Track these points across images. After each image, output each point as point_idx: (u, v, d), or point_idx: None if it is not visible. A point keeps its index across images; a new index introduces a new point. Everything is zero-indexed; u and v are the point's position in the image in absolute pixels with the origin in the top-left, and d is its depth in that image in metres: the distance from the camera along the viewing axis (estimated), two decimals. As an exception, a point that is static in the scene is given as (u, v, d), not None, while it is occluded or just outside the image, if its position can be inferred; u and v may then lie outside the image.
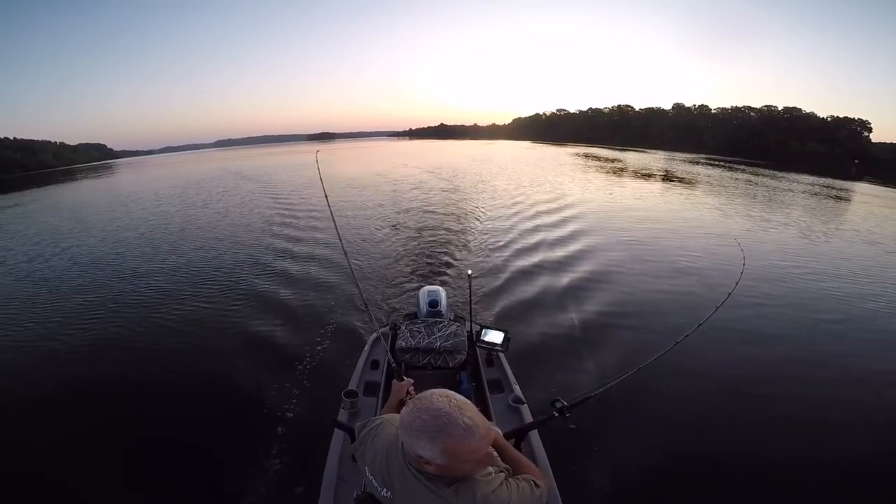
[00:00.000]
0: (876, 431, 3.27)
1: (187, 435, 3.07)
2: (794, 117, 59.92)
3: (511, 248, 7.62)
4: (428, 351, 2.47)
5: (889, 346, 4.60)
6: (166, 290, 6.13)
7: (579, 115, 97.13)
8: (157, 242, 9.29)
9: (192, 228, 10.64)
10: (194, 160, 60.35)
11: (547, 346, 4.19)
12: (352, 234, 8.71)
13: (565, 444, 2.58)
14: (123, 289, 6.35)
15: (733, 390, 3.66)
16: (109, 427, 3.20)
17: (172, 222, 11.61)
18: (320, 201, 12.24)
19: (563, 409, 1.75)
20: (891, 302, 5.77)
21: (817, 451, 3.00)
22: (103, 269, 7.49)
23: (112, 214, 14.03)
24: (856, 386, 3.81)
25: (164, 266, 7.36)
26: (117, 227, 11.45)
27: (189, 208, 14.03)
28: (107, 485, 2.66)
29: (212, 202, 15.18)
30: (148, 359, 4.25)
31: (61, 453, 2.97)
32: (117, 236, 10.30)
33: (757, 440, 3.08)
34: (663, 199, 14.96)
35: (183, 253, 8.20)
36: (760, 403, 3.51)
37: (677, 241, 8.65)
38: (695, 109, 73.58)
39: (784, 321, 5.05)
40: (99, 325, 5.09)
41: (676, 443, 3.01)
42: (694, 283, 6.04)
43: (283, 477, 2.62)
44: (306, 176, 21.01)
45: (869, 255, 8.30)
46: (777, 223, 10.99)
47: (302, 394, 3.41)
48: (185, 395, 3.55)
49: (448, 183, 17.21)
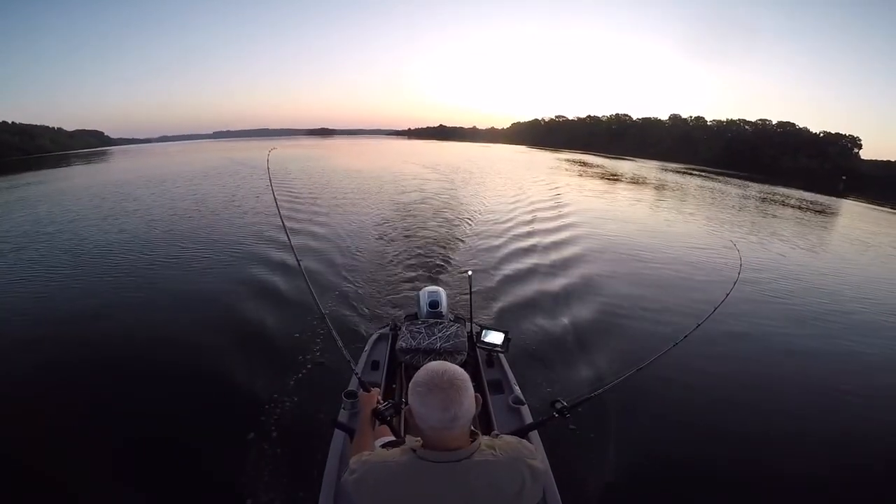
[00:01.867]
0: (873, 434, 3.31)
1: (186, 435, 3.02)
2: (788, 132, 60.98)
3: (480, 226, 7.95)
4: (428, 352, 2.47)
5: (887, 348, 4.76)
6: (163, 286, 6.05)
7: (578, 123, 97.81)
8: (154, 230, 9.17)
9: (197, 218, 10.52)
10: (192, 150, 59.91)
11: (547, 347, 4.19)
12: (349, 232, 8.74)
13: (565, 444, 2.68)
14: (115, 280, 6.24)
15: (732, 390, 3.69)
16: (108, 427, 3.14)
17: (174, 210, 11.56)
18: (321, 198, 12.81)
19: (564, 410, 1.78)
20: (881, 303, 6.17)
21: (817, 451, 3.02)
22: (91, 261, 7.28)
23: (107, 199, 13.98)
24: (855, 384, 3.86)
25: (161, 258, 7.26)
26: (112, 213, 11.29)
27: (191, 197, 14.05)
28: (106, 485, 2.63)
29: (218, 191, 15.37)
30: (144, 355, 4.15)
31: (60, 454, 2.90)
32: (114, 222, 10.13)
33: (756, 440, 3.10)
34: (655, 206, 15.41)
35: (183, 246, 8.06)
36: (759, 404, 3.54)
37: (675, 246, 8.81)
38: (691, 121, 74.50)
39: (782, 321, 5.17)
40: (92, 319, 4.97)
41: (676, 443, 3.03)
42: (692, 286, 6.13)
43: (282, 477, 2.62)
44: (306, 169, 21.79)
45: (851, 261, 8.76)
46: (770, 233, 11.45)
47: (302, 394, 3.39)
48: (183, 396, 3.49)
49: (445, 177, 19.93)
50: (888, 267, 9.04)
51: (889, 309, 6.06)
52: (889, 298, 6.59)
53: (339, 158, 34.17)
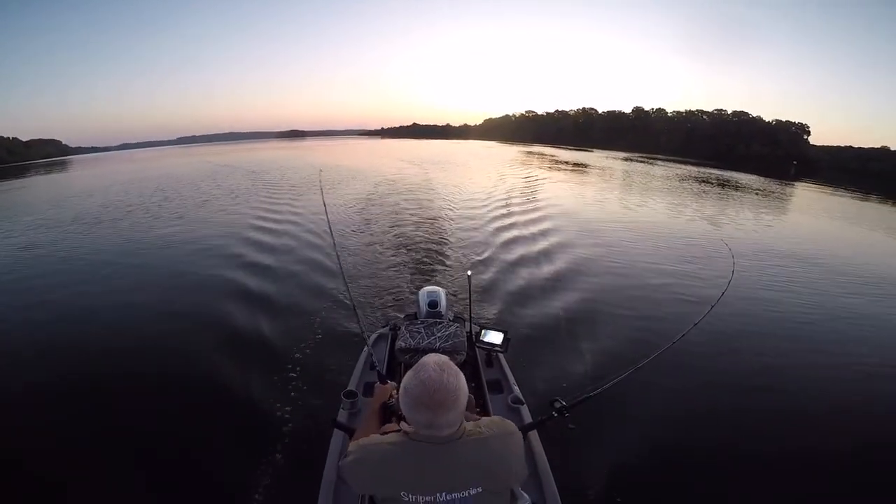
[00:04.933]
0: (874, 425, 3.35)
1: (185, 435, 3.03)
2: (742, 121, 64.15)
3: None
4: (427, 351, 2.42)
5: (884, 337, 4.87)
6: (158, 291, 6.00)
7: (546, 117, 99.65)
8: (143, 237, 9.16)
9: (184, 222, 10.54)
10: (169, 156, 57.31)
11: (546, 346, 4.20)
12: (343, 230, 8.80)
13: (564, 444, 2.70)
14: (108, 287, 6.17)
15: (731, 388, 3.71)
16: (106, 428, 3.12)
17: (160, 216, 11.49)
18: (308, 198, 12.97)
19: (563, 410, 1.78)
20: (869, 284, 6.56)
21: (817, 449, 3.04)
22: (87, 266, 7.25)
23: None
24: (854, 379, 3.91)
25: (153, 264, 7.21)
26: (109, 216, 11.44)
27: (171, 202, 13.88)
28: (105, 486, 2.63)
29: (199, 196, 15.18)
30: (143, 359, 4.13)
31: (60, 454, 2.91)
32: (112, 226, 10.26)
33: (756, 438, 3.13)
34: (647, 201, 15.33)
35: (170, 249, 8.03)
36: (759, 400, 3.57)
37: (668, 244, 8.70)
38: (652, 113, 77.39)
39: (777, 317, 5.20)
40: (92, 325, 4.96)
41: (675, 442, 3.05)
42: (688, 283, 6.13)
43: (282, 477, 2.63)
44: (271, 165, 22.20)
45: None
46: (750, 218, 11.94)
47: (301, 394, 3.39)
48: (182, 396, 3.48)
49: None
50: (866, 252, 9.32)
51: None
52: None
53: (324, 158, 36.46)
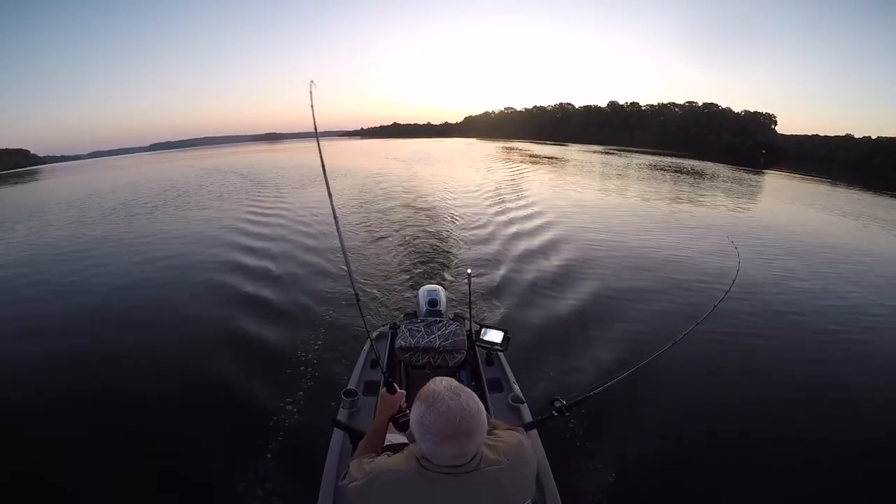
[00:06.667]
0: (880, 425, 3.29)
1: (185, 435, 3.01)
2: (712, 112, 66.32)
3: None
4: (427, 350, 2.47)
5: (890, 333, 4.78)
6: (156, 291, 6.00)
7: (525, 113, 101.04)
8: (139, 242, 9.05)
9: (181, 226, 10.53)
10: (149, 162, 54.64)
11: (546, 345, 4.17)
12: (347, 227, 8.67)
13: (565, 443, 2.72)
14: (106, 291, 6.08)
15: (732, 387, 3.66)
16: (106, 427, 3.11)
17: (159, 221, 11.32)
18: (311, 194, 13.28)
19: (563, 409, 1.77)
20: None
21: (818, 450, 2.99)
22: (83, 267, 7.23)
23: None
24: (856, 377, 3.86)
25: (151, 268, 7.14)
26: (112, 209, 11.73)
27: (168, 206, 13.65)
28: (105, 486, 2.62)
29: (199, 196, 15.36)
30: (143, 359, 4.11)
31: (59, 453, 2.90)
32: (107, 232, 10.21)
33: (756, 437, 3.09)
34: (645, 196, 14.96)
35: (170, 254, 7.92)
36: (760, 400, 3.51)
37: (671, 242, 8.49)
38: (627, 107, 79.16)
39: (782, 316, 5.10)
40: (91, 326, 4.94)
41: (675, 441, 3.02)
42: (692, 282, 6.02)
43: (282, 477, 2.61)
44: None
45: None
46: (762, 223, 11.00)
47: (301, 393, 3.37)
48: (182, 396, 3.46)
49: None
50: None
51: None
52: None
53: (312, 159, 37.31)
